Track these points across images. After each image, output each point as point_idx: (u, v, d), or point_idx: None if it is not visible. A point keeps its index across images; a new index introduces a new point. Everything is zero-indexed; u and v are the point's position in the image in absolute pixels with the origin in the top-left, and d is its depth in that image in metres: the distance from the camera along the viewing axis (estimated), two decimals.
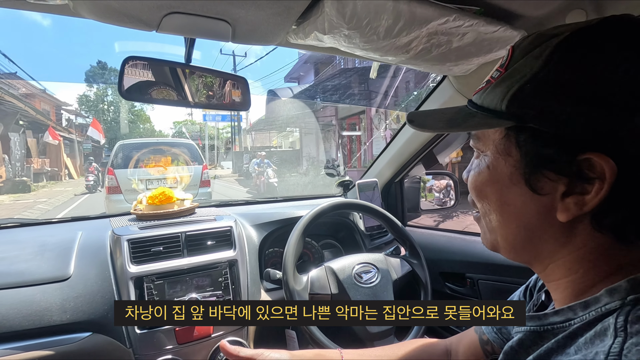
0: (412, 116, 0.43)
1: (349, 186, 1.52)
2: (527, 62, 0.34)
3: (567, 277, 0.37)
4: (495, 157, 0.38)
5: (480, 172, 0.40)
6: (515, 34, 0.71)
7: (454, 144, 1.34)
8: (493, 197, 0.39)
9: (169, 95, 0.71)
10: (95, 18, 0.60)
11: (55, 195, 10.75)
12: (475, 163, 0.42)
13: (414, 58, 0.76)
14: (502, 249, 0.41)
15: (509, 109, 0.35)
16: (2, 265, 0.88)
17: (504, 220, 0.38)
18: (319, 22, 0.61)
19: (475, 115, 0.38)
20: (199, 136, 27.42)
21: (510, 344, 0.40)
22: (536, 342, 0.37)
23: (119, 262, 0.91)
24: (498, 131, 0.37)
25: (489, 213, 0.40)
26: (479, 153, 0.41)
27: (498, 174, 0.38)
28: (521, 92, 0.34)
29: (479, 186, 0.40)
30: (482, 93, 0.39)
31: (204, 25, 0.63)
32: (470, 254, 1.13)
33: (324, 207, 1.02)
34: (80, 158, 19.94)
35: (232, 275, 0.99)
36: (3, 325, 0.77)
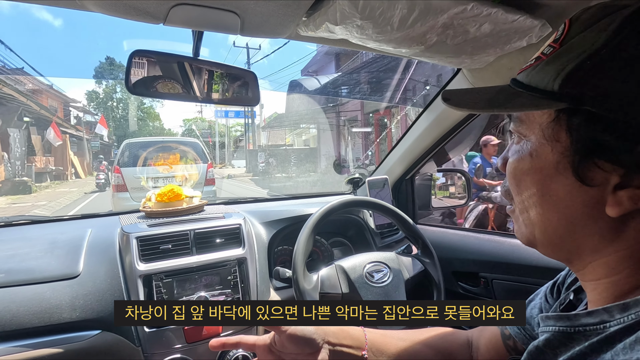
0: (449, 94, 0.39)
1: (359, 183, 1.49)
2: (588, 36, 0.30)
3: (609, 277, 0.34)
4: (541, 143, 0.34)
5: (521, 159, 0.36)
6: (535, 23, 0.68)
7: (467, 141, 1.31)
8: (534, 187, 0.35)
9: (176, 90, 0.70)
10: (103, 11, 0.59)
11: (57, 197, 9.98)
12: (514, 149, 0.38)
13: (428, 50, 0.73)
14: (540, 244, 0.37)
15: (562, 88, 0.31)
16: (12, 262, 0.88)
17: (545, 212, 0.35)
18: (330, 12, 0.59)
19: (520, 95, 0.34)
20: (209, 134, 26.95)
21: (536, 344, 0.37)
22: (565, 344, 0.34)
23: (128, 260, 0.90)
24: (546, 114, 0.33)
25: (527, 204, 0.37)
26: (520, 138, 0.37)
27: (542, 162, 0.34)
28: (579, 70, 0.30)
29: (519, 175, 0.37)
30: (530, 71, 0.35)
31: (212, 18, 0.61)
32: (484, 252, 1.10)
33: (333, 205, 1.00)
34: (88, 156, 19.28)
35: (241, 273, 0.98)
36: (13, 323, 0.77)
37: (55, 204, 8.88)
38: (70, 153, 16.33)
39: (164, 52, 0.70)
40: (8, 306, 0.78)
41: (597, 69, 0.29)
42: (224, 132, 27.17)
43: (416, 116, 1.22)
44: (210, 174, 6.07)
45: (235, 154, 27.38)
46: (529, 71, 0.35)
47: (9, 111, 11.70)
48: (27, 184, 11.12)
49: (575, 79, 0.30)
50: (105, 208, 6.14)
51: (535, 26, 0.68)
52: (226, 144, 26.57)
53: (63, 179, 14.92)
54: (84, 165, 18.29)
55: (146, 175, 5.49)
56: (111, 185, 5.86)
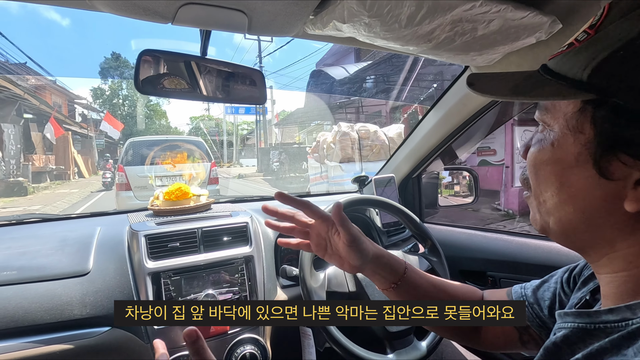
0: (473, 79, 0.38)
1: (365, 182, 1.49)
2: (624, 25, 0.29)
3: (627, 271, 0.34)
4: (564, 134, 0.34)
5: (542, 148, 0.36)
6: (545, 19, 0.67)
7: (475, 138, 1.30)
8: (553, 177, 0.35)
9: (185, 89, 0.70)
10: (112, 11, 0.60)
11: (55, 200, 9.03)
12: (537, 137, 0.38)
13: (435, 48, 0.73)
14: (553, 232, 0.37)
15: (591, 78, 0.30)
16: (24, 259, 0.89)
17: (561, 202, 0.35)
18: (338, 10, 0.59)
19: (548, 83, 0.33)
20: (217, 132, 26.43)
21: (553, 340, 0.37)
22: (583, 340, 0.34)
23: (137, 258, 0.91)
24: (572, 104, 0.33)
25: (544, 193, 0.37)
26: (544, 127, 0.37)
27: (563, 153, 0.34)
28: (610, 61, 0.29)
29: (539, 164, 0.36)
30: (561, 57, 0.34)
31: (220, 17, 0.62)
32: (492, 251, 1.09)
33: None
34: (92, 155, 18.31)
35: (249, 271, 0.99)
36: (25, 319, 0.78)
37: (51, 208, 8.01)
38: (74, 151, 15.32)
39: (172, 51, 0.70)
40: (20, 303, 0.79)
41: (629, 61, 0.28)
42: (231, 130, 26.54)
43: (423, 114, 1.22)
44: (214, 173, 6.10)
45: (243, 152, 26.66)
46: (559, 58, 0.34)
47: (5, 106, 10.70)
48: (23, 185, 10.08)
49: (605, 70, 0.30)
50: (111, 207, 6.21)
51: (545, 22, 0.67)
52: (234, 142, 26.08)
53: (65, 178, 13.83)
54: (88, 164, 17.32)
55: (149, 174, 5.52)
56: (115, 184, 5.94)
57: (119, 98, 28.06)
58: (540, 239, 1.00)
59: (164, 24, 0.62)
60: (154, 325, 0.86)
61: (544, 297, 0.53)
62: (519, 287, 0.59)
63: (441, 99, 1.12)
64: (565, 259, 0.90)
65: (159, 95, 0.71)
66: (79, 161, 15.84)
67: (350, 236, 0.58)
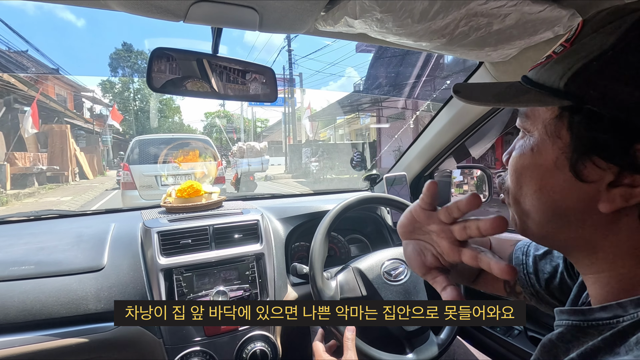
0: (459, 87, 0.40)
1: (376, 180, 1.48)
2: (597, 38, 0.31)
3: (610, 272, 0.35)
4: (542, 139, 0.35)
5: (523, 153, 0.38)
6: (563, 13, 0.65)
7: (489, 136, 1.27)
8: (532, 181, 0.37)
9: (197, 87, 0.70)
10: (126, 10, 0.60)
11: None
12: (518, 144, 0.39)
13: (449, 43, 0.71)
14: (533, 234, 0.39)
15: (567, 87, 0.32)
16: (42, 254, 0.91)
17: (540, 205, 0.36)
18: (349, 6, 0.58)
19: (528, 92, 0.36)
20: (233, 128, 25.31)
21: (549, 337, 0.38)
22: (577, 337, 0.35)
23: (150, 254, 0.93)
24: (550, 110, 0.35)
25: (523, 197, 0.38)
26: (524, 133, 0.39)
27: (542, 157, 0.35)
28: (585, 71, 0.31)
29: (519, 169, 0.38)
30: (539, 69, 0.36)
31: (231, 14, 0.62)
32: None
33: (350, 202, 0.99)
34: (98, 153, 15.93)
35: (259, 268, 0.99)
36: (42, 313, 0.80)
37: None
38: (75, 148, 12.89)
39: (184, 49, 0.71)
40: (38, 297, 0.81)
41: (601, 71, 0.30)
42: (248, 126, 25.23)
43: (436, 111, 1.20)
44: (220, 172, 6.01)
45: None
46: (538, 69, 0.36)
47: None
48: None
49: (580, 79, 0.32)
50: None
51: (564, 16, 0.65)
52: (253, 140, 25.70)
53: (61, 181, 11.32)
54: (93, 163, 14.75)
55: (155, 172, 5.43)
56: (120, 182, 5.82)
57: (130, 92, 26.32)
58: None
59: (175, 22, 0.63)
60: (155, 325, 0.87)
61: (544, 270, 0.54)
62: (523, 246, 0.58)
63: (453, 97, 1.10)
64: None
65: (172, 93, 0.72)
66: (82, 160, 13.58)
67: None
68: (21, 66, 11.45)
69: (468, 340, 1.15)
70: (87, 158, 14.16)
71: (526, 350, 0.97)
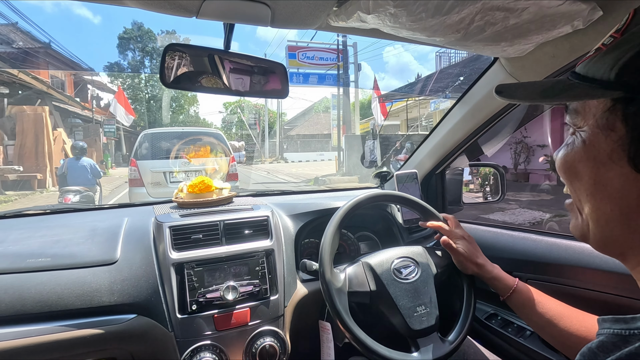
0: (502, 87, 0.39)
1: (387, 177, 1.47)
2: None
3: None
4: (594, 132, 0.34)
5: (573, 148, 0.36)
6: (583, 7, 0.63)
7: (502, 134, 1.25)
8: (586, 176, 0.35)
9: (209, 83, 0.71)
10: (140, 6, 0.61)
11: None
12: (567, 140, 0.38)
13: (464, 38, 0.70)
14: (592, 237, 0.37)
15: (619, 77, 0.31)
16: (57, 247, 0.93)
17: (597, 203, 0.35)
18: (362, 1, 0.58)
19: (576, 86, 0.34)
20: (256, 120, 22.73)
21: (589, 346, 0.36)
22: (618, 347, 0.33)
23: (161, 248, 0.94)
24: (602, 103, 0.33)
25: (580, 196, 0.36)
26: (574, 129, 0.37)
27: (595, 150, 0.34)
28: (637, 59, 0.30)
29: (569, 162, 0.36)
30: (588, 62, 0.35)
31: (244, 10, 0.62)
32: (519, 251, 1.05)
33: (361, 199, 0.99)
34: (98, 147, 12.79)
35: (269, 264, 1.00)
36: (58, 304, 0.82)
37: None
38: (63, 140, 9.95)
39: (196, 45, 0.71)
40: (54, 288, 0.83)
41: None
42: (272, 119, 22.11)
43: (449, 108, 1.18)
44: (233, 169, 5.67)
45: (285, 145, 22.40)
46: (586, 62, 0.35)
47: None
48: None
49: (632, 68, 0.30)
50: None
51: (584, 10, 0.63)
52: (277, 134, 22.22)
53: (34, 187, 8.36)
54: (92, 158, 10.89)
55: (163, 168, 5.11)
56: (128, 179, 5.46)
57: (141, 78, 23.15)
58: (571, 239, 0.95)
59: (188, 17, 0.63)
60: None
61: None
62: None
63: (467, 93, 1.08)
64: (598, 261, 0.85)
65: (185, 89, 0.72)
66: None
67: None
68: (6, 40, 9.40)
69: (479, 341, 1.14)
70: None
71: (539, 351, 0.95)
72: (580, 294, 0.90)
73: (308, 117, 26.61)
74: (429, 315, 0.89)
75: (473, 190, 2.67)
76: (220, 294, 0.91)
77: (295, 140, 23.97)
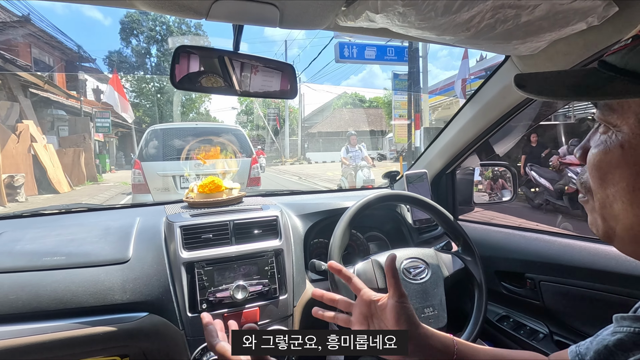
0: (523, 80, 0.35)
1: (396, 177, 1.46)
2: None
3: None
4: (636, 135, 0.31)
5: (609, 151, 0.33)
6: (598, 3, 0.61)
7: (515, 133, 1.23)
8: (623, 182, 0.32)
9: (218, 83, 0.71)
10: (150, 9, 0.62)
11: None
12: (600, 139, 0.35)
13: (474, 37, 0.69)
14: (621, 239, 0.34)
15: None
16: (72, 246, 0.95)
17: (633, 209, 0.32)
18: (371, 0, 0.57)
19: (614, 80, 0.31)
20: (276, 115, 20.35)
21: (605, 344, 0.35)
22: (639, 345, 0.32)
23: (172, 248, 0.95)
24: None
25: (612, 199, 0.34)
26: (607, 128, 0.34)
27: (637, 155, 0.31)
28: None
29: (605, 167, 0.33)
30: (625, 52, 0.31)
31: (253, 11, 0.62)
32: (531, 252, 1.03)
33: (370, 199, 0.98)
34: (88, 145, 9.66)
35: (278, 264, 1.00)
36: (72, 302, 0.84)
37: None
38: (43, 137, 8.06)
39: (206, 47, 0.72)
40: (69, 286, 0.85)
41: None
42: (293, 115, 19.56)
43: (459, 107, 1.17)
44: (255, 172, 4.80)
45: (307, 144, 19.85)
46: (624, 52, 0.31)
47: None
48: None
49: None
50: None
51: (599, 6, 0.62)
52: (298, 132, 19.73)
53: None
54: (78, 162, 9.00)
55: (172, 172, 4.36)
56: (131, 184, 4.65)
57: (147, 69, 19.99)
58: (586, 240, 0.93)
59: (198, 19, 0.63)
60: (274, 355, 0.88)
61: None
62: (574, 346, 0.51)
63: (479, 91, 1.07)
64: (614, 263, 0.83)
65: (195, 91, 0.73)
66: (52, 161, 8.07)
67: (400, 291, 0.55)
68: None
69: (490, 343, 1.12)
70: (63, 155, 8.56)
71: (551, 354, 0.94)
72: (596, 297, 0.88)
73: (326, 113, 25.08)
74: (437, 317, 0.88)
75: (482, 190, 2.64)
76: (230, 293, 0.91)
77: (316, 138, 21.46)
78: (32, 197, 7.38)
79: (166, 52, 20.25)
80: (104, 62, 20.10)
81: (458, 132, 1.18)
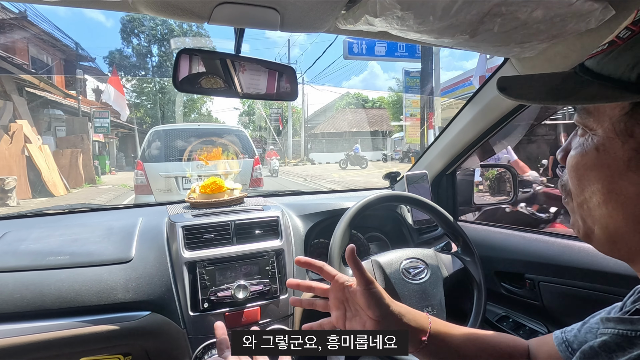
0: (505, 82, 0.35)
1: (397, 178, 1.47)
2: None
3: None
4: (610, 138, 0.32)
5: (585, 153, 0.34)
6: (595, 6, 0.62)
7: (515, 134, 1.24)
8: (599, 183, 0.33)
9: (220, 86, 0.72)
10: (151, 13, 0.63)
11: None
12: (578, 142, 0.35)
13: (473, 40, 0.70)
14: (598, 240, 0.35)
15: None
16: (75, 246, 0.97)
17: (609, 210, 0.33)
18: (370, 4, 0.58)
19: (589, 85, 0.31)
20: (279, 115, 20.21)
21: (591, 344, 0.36)
22: (623, 347, 0.33)
23: (174, 247, 0.96)
24: (619, 106, 0.31)
25: (589, 200, 0.34)
26: (585, 131, 0.35)
27: (611, 158, 0.32)
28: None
29: (582, 169, 0.34)
30: (602, 57, 0.32)
31: (254, 15, 0.63)
32: (530, 253, 1.04)
33: (370, 199, 0.99)
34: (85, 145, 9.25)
35: (279, 264, 1.01)
36: (76, 300, 0.85)
37: None
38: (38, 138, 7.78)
39: (208, 50, 0.73)
40: (72, 285, 0.87)
41: None
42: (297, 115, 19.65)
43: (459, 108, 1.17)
44: (257, 173, 4.84)
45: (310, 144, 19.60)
46: (600, 57, 0.32)
47: None
48: None
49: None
50: None
51: (596, 9, 0.62)
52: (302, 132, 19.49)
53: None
54: (76, 164, 8.62)
55: (174, 173, 4.40)
56: (134, 185, 4.68)
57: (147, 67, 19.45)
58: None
59: (200, 23, 0.65)
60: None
61: (586, 340, 0.49)
62: (560, 332, 0.53)
63: (478, 93, 1.08)
64: (613, 264, 0.84)
65: (197, 93, 0.74)
66: (48, 163, 7.77)
67: (366, 279, 0.56)
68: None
69: None
70: (60, 156, 8.19)
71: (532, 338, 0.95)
72: (595, 297, 0.88)
73: (329, 114, 25.09)
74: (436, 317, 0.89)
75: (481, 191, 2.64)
76: (231, 292, 0.92)
77: (319, 139, 21.39)
78: (25, 201, 6.99)
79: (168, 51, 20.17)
80: (104, 61, 19.96)
81: (458, 133, 1.19)
